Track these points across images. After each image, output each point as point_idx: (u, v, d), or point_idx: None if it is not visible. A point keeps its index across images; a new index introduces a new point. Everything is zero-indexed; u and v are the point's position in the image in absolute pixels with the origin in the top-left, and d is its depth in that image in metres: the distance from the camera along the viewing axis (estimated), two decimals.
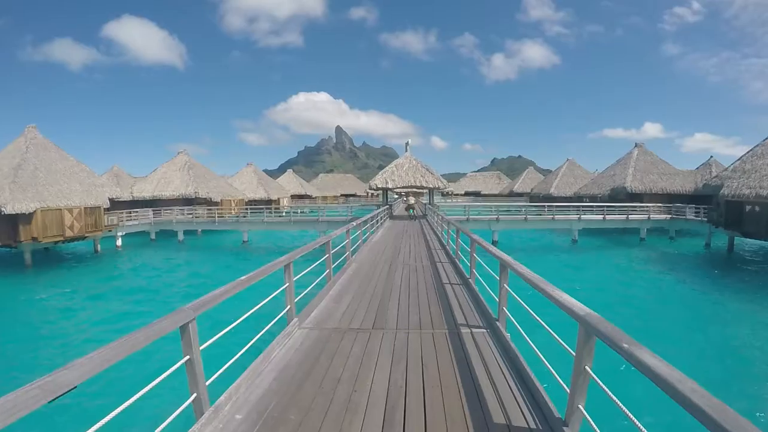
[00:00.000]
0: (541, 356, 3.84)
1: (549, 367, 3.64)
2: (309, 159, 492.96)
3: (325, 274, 7.83)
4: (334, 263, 8.83)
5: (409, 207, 31.80)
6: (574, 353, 3.01)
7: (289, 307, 5.60)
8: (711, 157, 42.05)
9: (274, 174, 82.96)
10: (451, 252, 12.26)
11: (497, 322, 5.48)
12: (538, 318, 4.02)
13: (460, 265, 9.87)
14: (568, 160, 58.50)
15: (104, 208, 28.93)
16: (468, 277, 8.21)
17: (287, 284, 5.48)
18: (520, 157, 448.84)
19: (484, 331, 5.56)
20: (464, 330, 5.61)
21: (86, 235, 27.07)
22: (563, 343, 3.41)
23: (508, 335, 5.12)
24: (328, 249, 7.80)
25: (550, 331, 3.67)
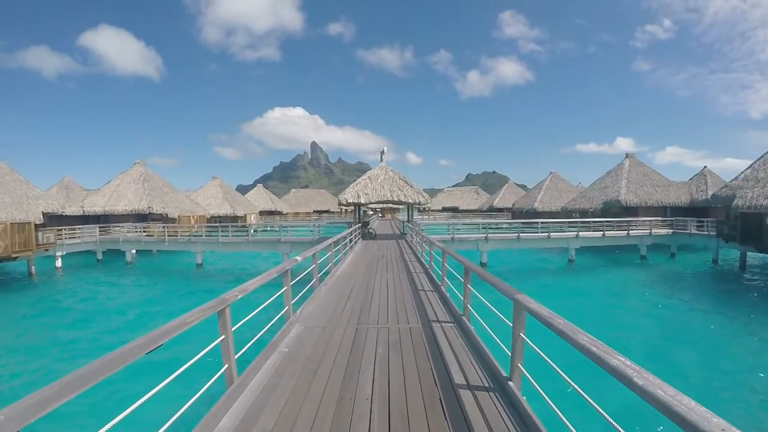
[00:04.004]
0: None
1: None
2: (284, 174, 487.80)
3: (222, 370, 3.91)
4: (257, 334, 5.02)
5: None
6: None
7: None
8: (705, 167, 39.93)
9: (249, 189, 78.00)
10: (450, 300, 7.99)
11: None
12: None
13: (471, 328, 5.96)
14: (551, 173, 55.92)
15: (36, 224, 24.65)
16: (507, 377, 4.12)
17: None
18: (494, 172, 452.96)
19: None
20: None
21: (14, 255, 22.72)
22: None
23: None
24: (225, 328, 3.91)
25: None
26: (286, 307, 6.38)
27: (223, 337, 3.91)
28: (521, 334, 3.72)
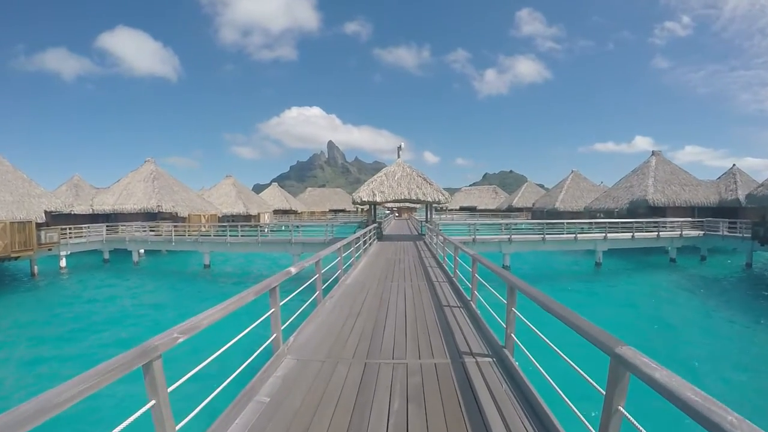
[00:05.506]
0: None
1: None
2: (301, 174, 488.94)
3: None
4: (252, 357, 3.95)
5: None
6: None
7: None
8: (734, 165, 37.91)
9: (266, 188, 77.36)
10: (485, 323, 6.34)
11: None
12: None
13: (518, 367, 4.40)
14: (572, 171, 54.09)
15: (39, 223, 24.10)
16: None
17: None
18: (511, 172, 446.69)
19: None
20: None
21: (14, 255, 22.16)
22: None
23: None
24: (155, 390, 2.52)
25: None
26: (274, 335, 4.82)
27: (153, 402, 2.54)
28: (620, 407, 2.35)
